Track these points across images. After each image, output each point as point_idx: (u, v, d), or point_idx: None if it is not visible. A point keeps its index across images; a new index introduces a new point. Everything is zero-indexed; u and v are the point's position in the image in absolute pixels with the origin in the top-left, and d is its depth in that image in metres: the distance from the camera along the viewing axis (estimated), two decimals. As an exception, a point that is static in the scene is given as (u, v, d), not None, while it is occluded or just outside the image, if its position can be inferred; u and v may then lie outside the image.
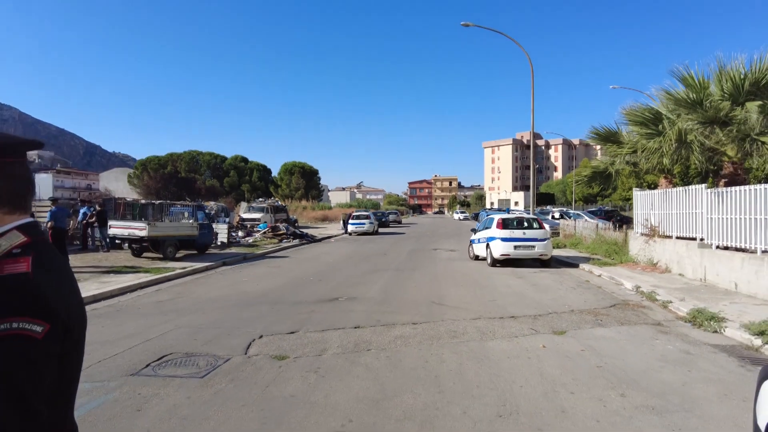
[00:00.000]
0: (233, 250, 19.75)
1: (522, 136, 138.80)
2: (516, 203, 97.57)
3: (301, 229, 30.46)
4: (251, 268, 14.81)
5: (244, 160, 77.61)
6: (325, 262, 16.54)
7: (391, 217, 50.78)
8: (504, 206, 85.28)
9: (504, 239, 14.65)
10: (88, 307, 8.60)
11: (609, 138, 14.92)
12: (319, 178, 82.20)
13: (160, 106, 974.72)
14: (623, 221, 25.90)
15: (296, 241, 24.91)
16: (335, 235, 31.61)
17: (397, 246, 23.66)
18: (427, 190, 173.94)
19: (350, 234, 32.01)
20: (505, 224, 15.09)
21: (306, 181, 75.83)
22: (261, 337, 6.71)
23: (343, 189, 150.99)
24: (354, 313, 8.34)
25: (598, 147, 19.82)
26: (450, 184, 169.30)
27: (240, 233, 25.56)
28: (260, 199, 41.80)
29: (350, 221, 33.02)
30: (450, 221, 66.83)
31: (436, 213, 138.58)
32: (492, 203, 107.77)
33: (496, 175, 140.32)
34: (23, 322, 1.05)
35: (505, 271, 13.96)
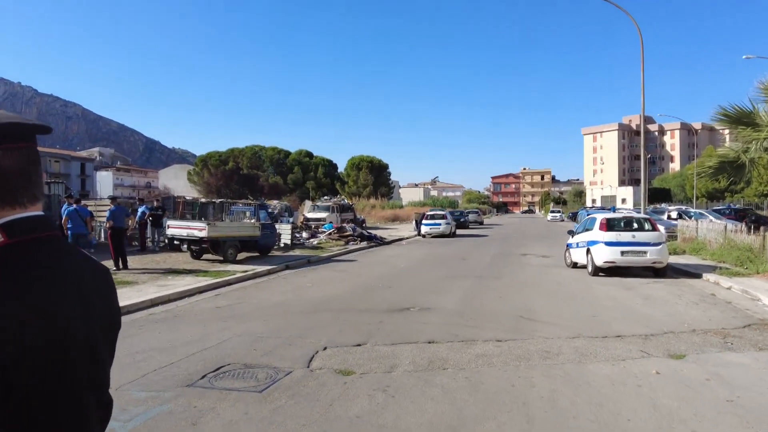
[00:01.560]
0: (297, 252, 20.38)
1: (630, 120, 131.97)
2: (623, 200, 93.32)
3: (369, 231, 30.86)
4: (315, 272, 15.19)
5: (309, 154, 79.96)
6: (396, 267, 16.62)
7: (471, 217, 50.08)
8: (608, 204, 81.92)
9: (608, 243, 13.97)
10: (144, 312, 9.20)
11: (741, 120, 13.82)
12: (389, 174, 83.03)
13: (221, 100, 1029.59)
14: (759, 222, 23.95)
15: (364, 244, 25.27)
16: (407, 237, 31.72)
17: (478, 250, 23.33)
18: (513, 186, 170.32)
19: (424, 236, 31.97)
20: (609, 225, 14.42)
21: (375, 177, 76.76)
22: (325, 348, 6.84)
23: (416, 185, 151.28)
24: (428, 325, 8.28)
25: (727, 131, 18.51)
26: (542, 178, 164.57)
27: (304, 234, 26.32)
28: (325, 198, 42.90)
29: (424, 222, 32.97)
30: (542, 222, 64.98)
31: (524, 212, 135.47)
32: (593, 200, 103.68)
33: (599, 167, 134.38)
34: None
35: (610, 281, 13.33)
